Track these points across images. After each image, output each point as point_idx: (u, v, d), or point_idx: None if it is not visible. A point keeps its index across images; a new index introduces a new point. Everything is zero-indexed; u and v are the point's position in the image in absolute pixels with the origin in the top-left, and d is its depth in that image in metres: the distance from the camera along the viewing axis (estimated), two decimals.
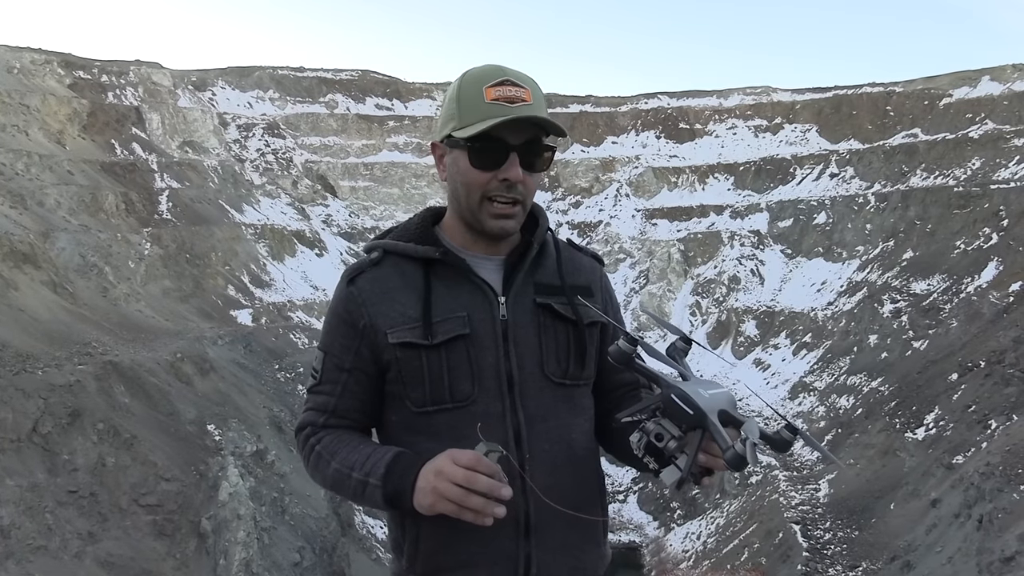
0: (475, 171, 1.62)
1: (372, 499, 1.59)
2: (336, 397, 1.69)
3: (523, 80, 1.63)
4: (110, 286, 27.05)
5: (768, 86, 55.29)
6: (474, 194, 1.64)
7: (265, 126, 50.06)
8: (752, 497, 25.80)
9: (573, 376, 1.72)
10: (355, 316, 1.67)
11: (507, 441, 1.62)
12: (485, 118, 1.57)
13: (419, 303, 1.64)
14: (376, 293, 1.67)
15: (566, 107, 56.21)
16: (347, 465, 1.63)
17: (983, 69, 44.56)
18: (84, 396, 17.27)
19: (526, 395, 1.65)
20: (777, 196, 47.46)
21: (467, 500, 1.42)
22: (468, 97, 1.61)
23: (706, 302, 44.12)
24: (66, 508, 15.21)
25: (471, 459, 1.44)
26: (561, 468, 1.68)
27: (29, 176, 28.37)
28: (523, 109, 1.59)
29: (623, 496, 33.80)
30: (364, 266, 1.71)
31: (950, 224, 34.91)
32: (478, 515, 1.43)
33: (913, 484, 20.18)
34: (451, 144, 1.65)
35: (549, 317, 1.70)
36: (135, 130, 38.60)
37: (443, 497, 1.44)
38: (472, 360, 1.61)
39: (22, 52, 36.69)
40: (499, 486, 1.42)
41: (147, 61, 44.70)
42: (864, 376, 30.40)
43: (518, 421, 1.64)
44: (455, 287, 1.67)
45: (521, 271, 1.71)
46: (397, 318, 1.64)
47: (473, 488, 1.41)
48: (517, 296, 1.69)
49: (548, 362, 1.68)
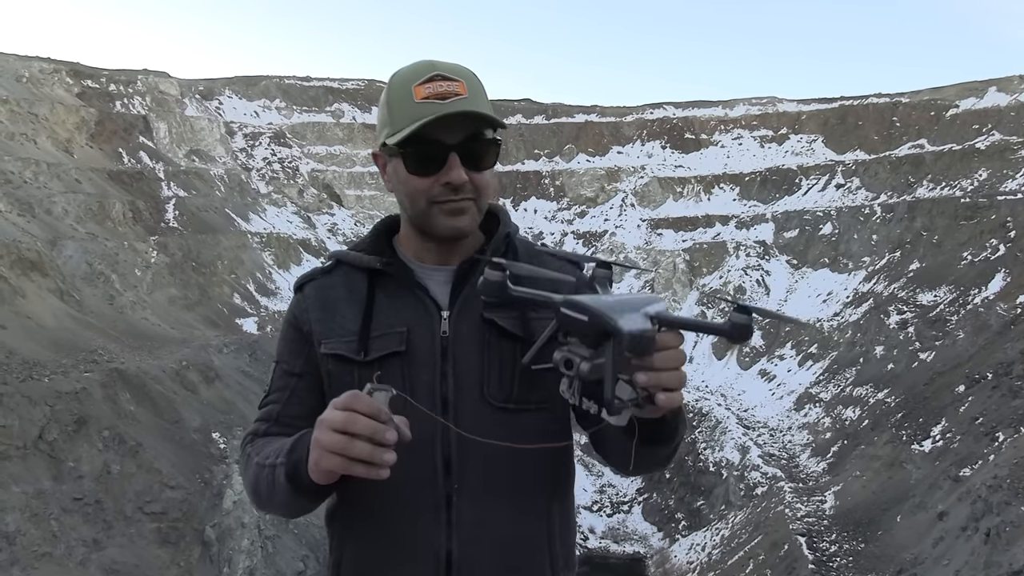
0: (415, 178, 1.50)
1: (280, 484, 1.43)
2: (282, 404, 1.60)
3: (457, 72, 1.49)
4: (116, 294, 27.14)
5: (774, 97, 55.29)
6: (419, 202, 1.52)
7: (271, 135, 50.25)
8: (757, 508, 25.68)
9: (519, 400, 1.53)
10: (300, 321, 1.60)
11: (435, 471, 1.49)
12: (416, 119, 1.45)
13: (359, 316, 1.55)
14: (319, 301, 1.60)
15: (571, 117, 56.31)
16: (264, 456, 1.50)
17: (989, 80, 44.48)
18: (90, 404, 17.31)
19: (461, 419, 1.49)
20: (783, 206, 47.40)
21: (350, 447, 1.23)
22: (398, 99, 1.49)
23: (711, 312, 44.00)
24: (71, 515, 15.23)
25: (346, 398, 1.26)
26: (496, 504, 1.51)
27: (37, 184, 28.52)
28: (455, 104, 1.45)
29: (627, 507, 33.69)
30: (315, 274, 1.66)
31: (957, 235, 34.81)
32: (369, 467, 1.25)
33: (920, 496, 20.07)
34: (389, 152, 1.54)
35: (495, 334, 1.54)
36: (142, 139, 38.80)
37: (325, 449, 1.26)
38: (406, 380, 1.47)
39: (31, 61, 36.92)
40: (382, 428, 1.24)
41: (155, 70, 44.93)
42: (870, 387, 30.28)
43: (449, 447, 1.49)
44: (398, 300, 1.56)
45: (470, 282, 1.56)
46: (336, 330, 1.56)
47: (352, 431, 1.23)
48: (462, 311, 1.55)
49: (489, 384, 1.52)
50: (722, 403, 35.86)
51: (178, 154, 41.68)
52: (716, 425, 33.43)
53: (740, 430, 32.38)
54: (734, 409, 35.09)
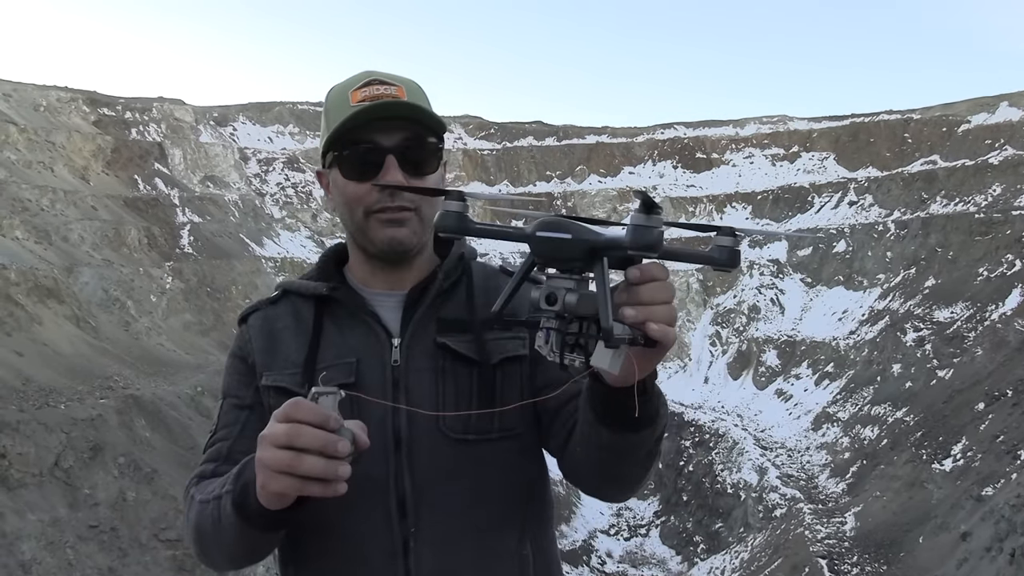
0: (351, 184, 1.40)
1: (226, 517, 1.24)
2: (232, 440, 1.46)
3: (396, 79, 1.42)
4: (132, 320, 27.28)
5: (784, 115, 55.31)
6: (356, 211, 1.42)
7: (285, 160, 50.63)
8: (777, 530, 25.38)
9: (480, 430, 1.40)
10: (245, 353, 1.51)
11: (389, 513, 1.36)
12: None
13: (305, 346, 1.44)
14: (263, 332, 1.50)
15: (583, 138, 56.48)
16: (208, 492, 1.34)
17: (1001, 95, 44.34)
18: (106, 430, 17.35)
19: (417, 456, 1.37)
20: (796, 225, 47.24)
21: (298, 464, 1.07)
22: (335, 107, 1.41)
23: (726, 332, 43.81)
24: (87, 543, 15.20)
25: (287, 408, 1.11)
26: (459, 547, 1.38)
27: (54, 212, 28.79)
28: (392, 105, 1.38)
29: (644, 530, 33.39)
30: (260, 305, 1.56)
31: (972, 251, 34.57)
32: (325, 485, 1.10)
33: (942, 517, 19.78)
34: (328, 165, 1.45)
35: (449, 359, 1.42)
36: (158, 165, 39.15)
37: (271, 469, 1.10)
38: (355, 414, 1.29)
39: (48, 90, 37.40)
40: (333, 438, 1.08)
41: (170, 98, 45.40)
42: (888, 406, 29.98)
43: (403, 488, 1.36)
44: (347, 328, 1.45)
45: (422, 306, 1.45)
46: (279, 361, 1.45)
47: (298, 446, 1.07)
48: (414, 337, 1.43)
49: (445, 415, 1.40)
50: (739, 424, 35.58)
51: (193, 180, 42.03)
52: (733, 446, 33.14)
53: (757, 451, 32.09)
54: (751, 430, 34.80)
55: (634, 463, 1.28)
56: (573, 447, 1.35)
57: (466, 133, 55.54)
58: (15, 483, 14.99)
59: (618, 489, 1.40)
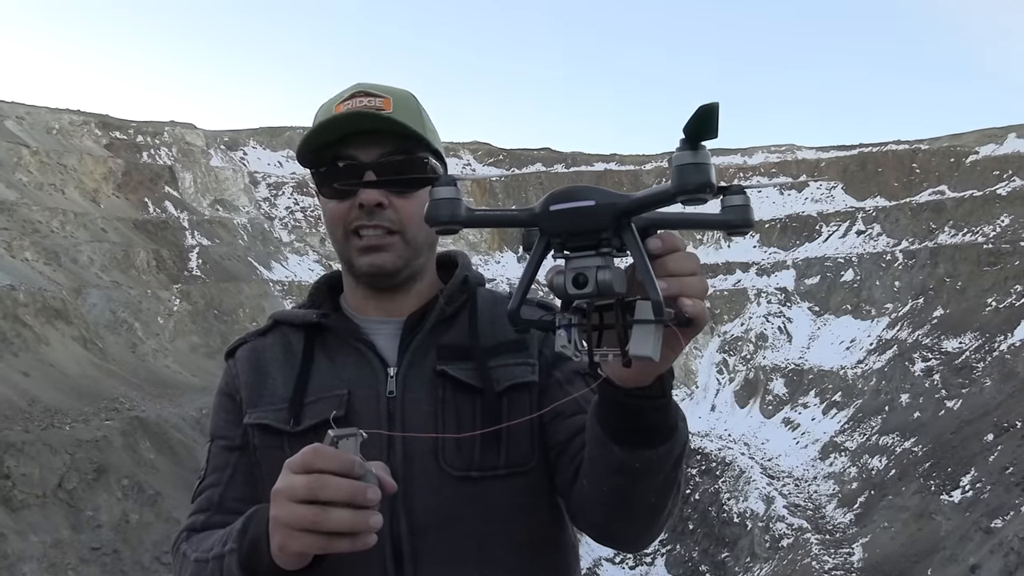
0: (331, 203, 1.31)
1: None
2: (224, 485, 1.34)
3: (385, 90, 1.31)
4: (139, 342, 27.36)
5: (792, 144, 55.50)
6: (337, 231, 1.33)
7: (294, 184, 50.91)
8: (784, 561, 25.10)
9: (483, 466, 1.26)
10: (232, 389, 1.39)
11: (383, 562, 1.21)
12: None
13: (293, 379, 1.32)
14: (251, 365, 1.38)
15: (591, 165, 56.72)
16: (205, 550, 1.20)
17: (1009, 126, 44.43)
18: (110, 452, 17.34)
19: (414, 496, 1.23)
20: (803, 253, 47.23)
21: (324, 520, 0.95)
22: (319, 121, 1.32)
23: (733, 360, 43.64)
24: (89, 565, 15.15)
25: (306, 456, 0.98)
26: None
27: (64, 234, 29.01)
28: (370, 117, 1.26)
29: (650, 559, 33.04)
30: (249, 337, 1.45)
31: (980, 281, 34.47)
32: (354, 539, 0.97)
33: (951, 549, 19.56)
34: (315, 184, 1.35)
35: (449, 388, 1.29)
36: (168, 188, 39.45)
37: (290, 527, 0.97)
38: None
39: (61, 114, 37.84)
40: (361, 486, 0.96)
41: (181, 122, 45.86)
42: (896, 436, 29.74)
43: (398, 532, 1.22)
44: (340, 358, 1.33)
45: (420, 333, 1.33)
46: (265, 396, 1.33)
47: (323, 499, 0.95)
48: (412, 366, 1.31)
49: (445, 449, 1.25)
50: (745, 452, 35.31)
51: (203, 203, 42.30)
52: (740, 475, 32.87)
53: (764, 480, 31.81)
54: (758, 458, 34.52)
55: (650, 489, 1.09)
56: (580, 481, 1.19)
57: (474, 159, 55.86)
58: (18, 504, 14.98)
59: (632, 527, 1.18)
